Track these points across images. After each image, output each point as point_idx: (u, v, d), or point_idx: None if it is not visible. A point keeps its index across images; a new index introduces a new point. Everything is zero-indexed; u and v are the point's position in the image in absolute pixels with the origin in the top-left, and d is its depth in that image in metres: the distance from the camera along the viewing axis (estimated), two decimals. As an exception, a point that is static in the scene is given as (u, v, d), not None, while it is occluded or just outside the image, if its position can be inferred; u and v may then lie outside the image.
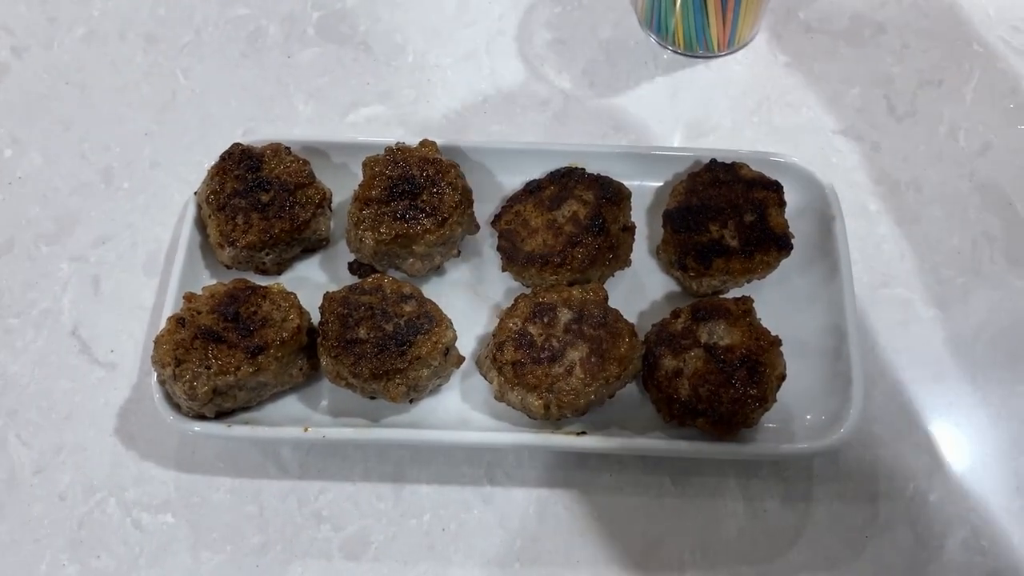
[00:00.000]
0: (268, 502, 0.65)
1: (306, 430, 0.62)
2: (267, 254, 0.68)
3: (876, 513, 0.63)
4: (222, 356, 0.60)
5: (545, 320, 0.62)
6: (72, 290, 0.74)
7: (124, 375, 0.70)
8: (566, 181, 0.68)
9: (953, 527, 0.62)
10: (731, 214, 0.66)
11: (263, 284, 0.66)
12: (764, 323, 0.64)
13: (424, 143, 0.70)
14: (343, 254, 0.71)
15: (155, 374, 0.62)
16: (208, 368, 0.60)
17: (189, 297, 0.64)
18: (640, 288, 0.70)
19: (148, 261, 0.75)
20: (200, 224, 0.71)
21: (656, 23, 0.83)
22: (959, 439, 0.65)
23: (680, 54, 0.84)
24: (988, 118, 0.80)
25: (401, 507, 0.64)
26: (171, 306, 0.66)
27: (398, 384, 0.61)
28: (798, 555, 0.62)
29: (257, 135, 0.80)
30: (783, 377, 0.61)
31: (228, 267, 0.70)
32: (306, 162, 0.70)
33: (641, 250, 0.72)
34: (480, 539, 0.63)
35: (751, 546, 0.62)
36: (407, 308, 0.63)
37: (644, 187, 0.73)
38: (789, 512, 0.63)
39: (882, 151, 0.78)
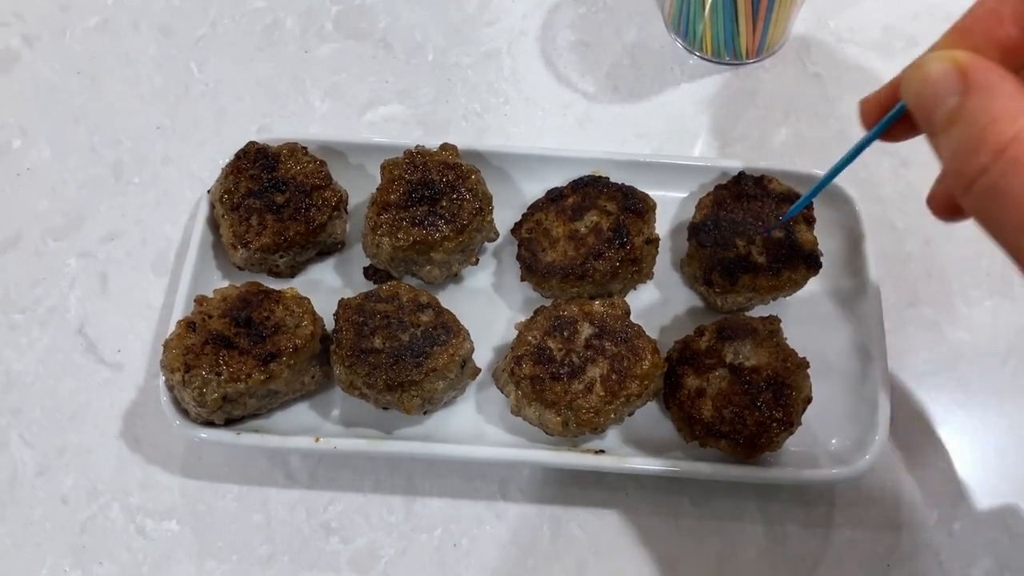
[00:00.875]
0: (276, 511, 0.63)
1: (317, 440, 0.60)
2: (281, 256, 0.67)
3: (898, 541, 0.61)
4: (233, 363, 0.59)
5: (565, 334, 0.60)
6: (79, 287, 0.72)
7: (130, 376, 0.68)
8: (589, 190, 0.67)
9: (977, 558, 0.61)
10: (759, 229, 0.64)
11: (276, 288, 0.64)
12: (790, 341, 0.62)
13: (444, 147, 0.68)
14: (358, 258, 0.70)
15: (163, 378, 0.61)
16: (218, 375, 0.58)
17: (200, 300, 0.62)
18: (663, 302, 0.69)
19: (157, 259, 0.73)
20: (212, 223, 0.69)
21: (684, 28, 0.81)
22: (985, 466, 0.64)
23: (707, 60, 0.82)
24: (1021, 135, 0.78)
25: (412, 521, 0.63)
26: (181, 307, 0.65)
27: (413, 396, 0.59)
28: (818, 582, 0.60)
29: (272, 132, 0.79)
30: (809, 400, 0.59)
31: (240, 268, 0.68)
32: (323, 163, 0.68)
33: (664, 263, 0.70)
34: (492, 556, 0.61)
35: (770, 571, 0.61)
36: (424, 318, 0.61)
37: (668, 198, 0.71)
38: (809, 537, 0.62)
39: (911, 166, 0.76)
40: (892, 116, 0.49)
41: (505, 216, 0.70)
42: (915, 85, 0.40)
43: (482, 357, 0.66)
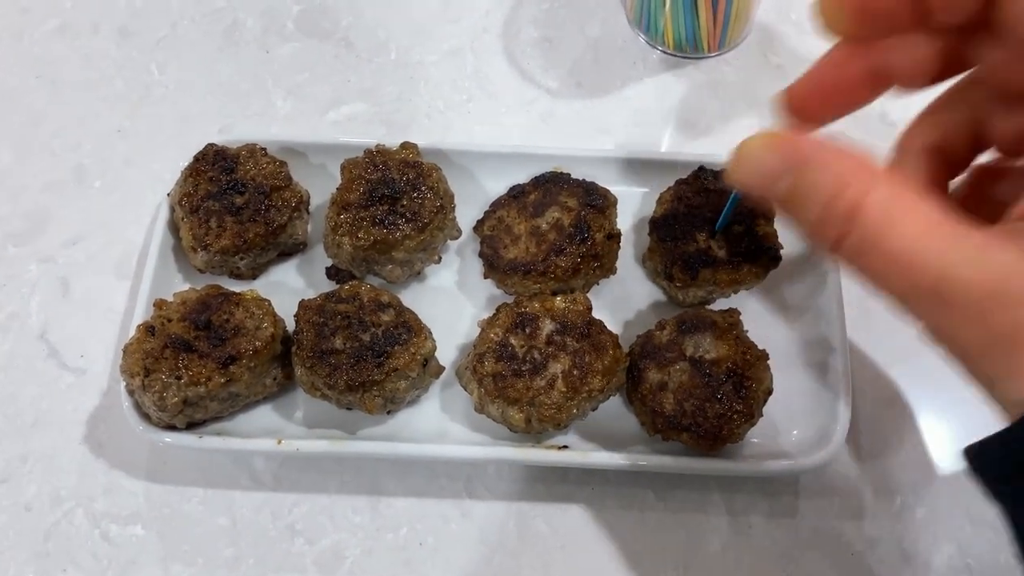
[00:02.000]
0: (241, 514, 0.63)
1: (279, 442, 0.60)
2: (241, 259, 0.66)
3: (862, 529, 0.62)
4: (193, 366, 0.58)
5: (527, 331, 0.61)
6: (41, 292, 0.71)
7: (93, 381, 0.68)
8: (550, 187, 0.67)
9: (939, 544, 0.61)
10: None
11: (237, 290, 0.64)
12: (751, 334, 0.62)
13: (405, 145, 0.68)
14: (321, 258, 0.69)
15: (124, 383, 0.60)
16: (178, 378, 0.58)
17: (160, 304, 0.62)
18: (626, 297, 0.69)
19: (120, 263, 0.72)
20: (173, 227, 0.69)
21: (646, 22, 0.81)
22: (947, 454, 0.64)
23: (670, 54, 0.82)
24: (981, 124, 0.78)
25: (377, 521, 0.63)
26: (142, 311, 0.64)
27: (375, 396, 0.59)
28: (783, 572, 0.60)
29: (234, 133, 0.78)
30: (770, 392, 0.60)
31: (201, 271, 0.68)
32: (283, 163, 0.68)
33: (627, 257, 0.70)
34: (458, 554, 0.61)
35: (735, 563, 0.61)
36: (385, 317, 0.61)
37: (631, 192, 0.72)
38: (774, 528, 0.62)
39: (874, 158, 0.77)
40: (729, 208, 0.60)
41: (468, 213, 0.70)
42: (742, 173, 0.41)
43: (446, 355, 0.66)
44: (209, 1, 0.86)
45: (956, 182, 0.46)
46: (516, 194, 0.67)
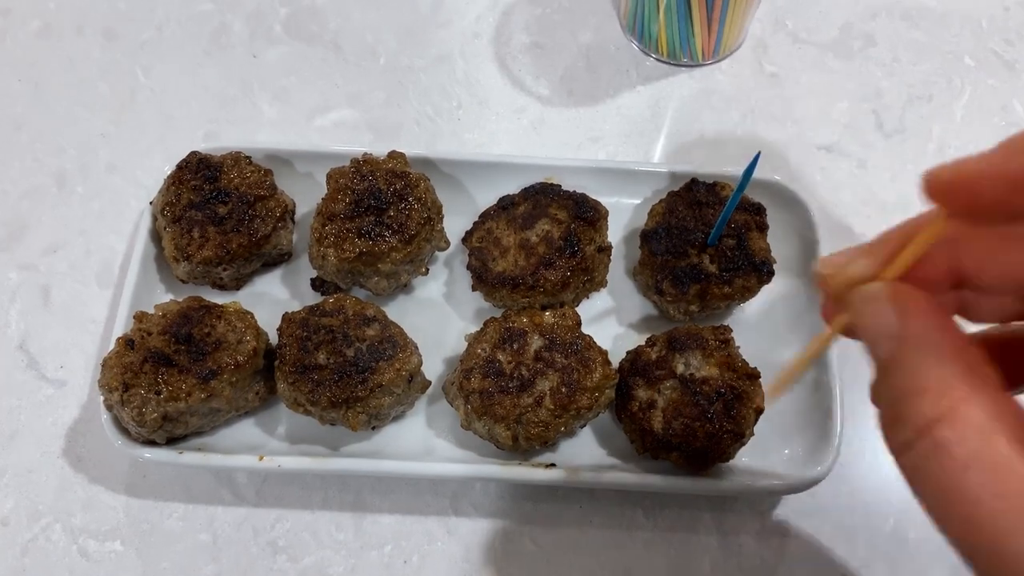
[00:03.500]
0: (222, 530, 0.62)
1: (261, 459, 0.59)
2: (224, 269, 0.65)
3: (854, 550, 0.61)
4: (172, 381, 0.57)
5: (515, 346, 0.59)
6: (20, 301, 0.70)
7: (73, 393, 0.66)
8: (540, 198, 0.65)
9: (931, 566, 0.60)
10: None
11: (219, 302, 0.62)
12: (743, 349, 0.61)
13: (392, 155, 0.66)
14: (306, 268, 0.68)
15: (103, 397, 0.59)
16: (158, 393, 0.57)
17: (140, 317, 0.60)
18: (617, 310, 0.68)
19: (102, 271, 0.71)
20: (155, 236, 0.67)
21: (639, 29, 0.80)
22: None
23: (663, 62, 0.81)
24: (978, 136, 0.77)
25: (361, 538, 0.61)
26: (123, 323, 0.63)
27: (358, 413, 0.58)
28: (773, 593, 0.60)
29: (219, 139, 0.77)
30: (761, 410, 0.59)
31: (184, 281, 0.66)
32: (268, 172, 0.67)
33: (618, 270, 0.69)
34: (443, 572, 0.60)
35: (724, 583, 0.60)
36: (370, 332, 0.60)
37: (622, 204, 0.70)
38: (764, 548, 0.61)
39: (868, 169, 0.76)
40: (722, 222, 0.59)
41: (458, 224, 0.69)
42: (857, 311, 0.36)
43: (433, 368, 0.65)
44: (196, 3, 0.85)
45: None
46: (506, 205, 0.66)
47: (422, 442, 0.63)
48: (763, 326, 0.66)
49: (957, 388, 0.31)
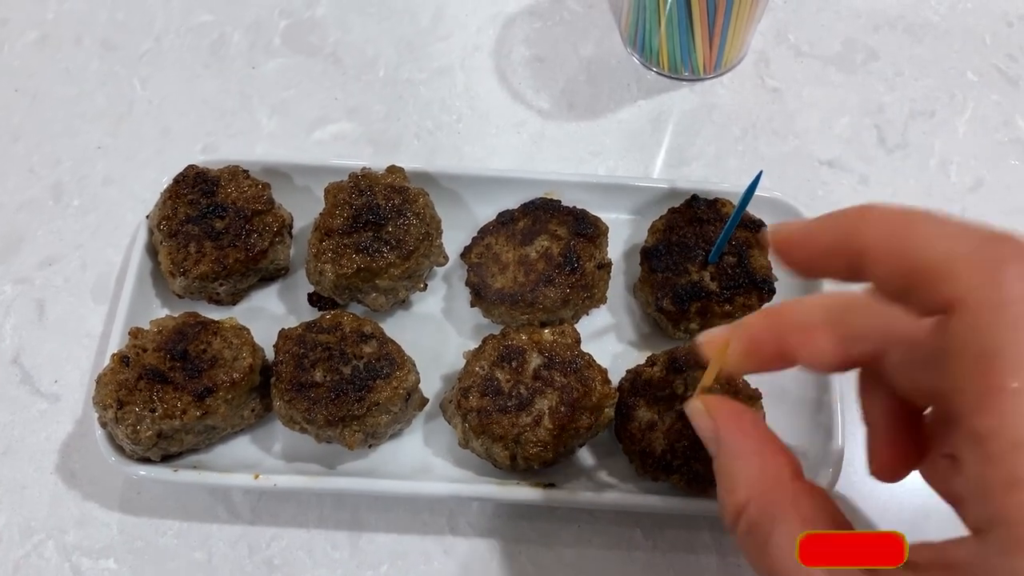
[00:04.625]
0: (217, 548, 0.61)
1: (256, 477, 0.58)
2: (221, 284, 0.64)
3: (855, 572, 0.60)
4: (167, 398, 0.57)
5: (513, 364, 0.59)
6: (15, 315, 0.69)
7: (68, 408, 0.66)
8: (539, 214, 0.65)
9: (935, 587, 0.60)
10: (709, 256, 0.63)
11: (215, 318, 0.62)
12: (744, 369, 0.60)
13: (391, 169, 0.66)
14: (304, 282, 0.68)
15: (97, 414, 0.59)
16: (152, 411, 0.56)
17: (135, 333, 0.60)
18: (617, 327, 0.67)
19: (97, 285, 0.70)
20: (151, 250, 0.67)
21: (640, 43, 0.80)
22: (943, 494, 0.63)
23: (664, 76, 0.81)
24: (980, 152, 0.77)
25: (357, 557, 0.61)
26: (118, 339, 0.62)
27: (355, 431, 0.57)
28: (773, 616, 0.59)
29: (217, 152, 0.76)
30: (762, 431, 0.58)
31: (180, 297, 0.66)
32: (265, 186, 0.66)
33: (619, 286, 0.68)
34: (440, 593, 0.60)
35: (725, 604, 0.59)
36: (367, 349, 0.59)
37: (622, 219, 0.70)
38: (765, 569, 0.60)
39: (870, 184, 0.75)
40: (723, 239, 0.61)
41: (457, 238, 0.68)
42: (691, 420, 0.45)
43: (431, 386, 0.64)
44: (195, 15, 0.85)
45: None
46: (505, 221, 0.66)
47: (419, 461, 0.62)
48: (764, 344, 0.65)
49: (752, 487, 0.39)
